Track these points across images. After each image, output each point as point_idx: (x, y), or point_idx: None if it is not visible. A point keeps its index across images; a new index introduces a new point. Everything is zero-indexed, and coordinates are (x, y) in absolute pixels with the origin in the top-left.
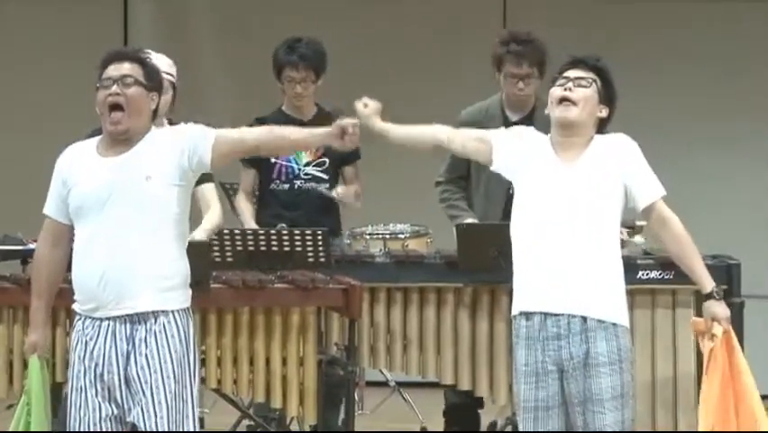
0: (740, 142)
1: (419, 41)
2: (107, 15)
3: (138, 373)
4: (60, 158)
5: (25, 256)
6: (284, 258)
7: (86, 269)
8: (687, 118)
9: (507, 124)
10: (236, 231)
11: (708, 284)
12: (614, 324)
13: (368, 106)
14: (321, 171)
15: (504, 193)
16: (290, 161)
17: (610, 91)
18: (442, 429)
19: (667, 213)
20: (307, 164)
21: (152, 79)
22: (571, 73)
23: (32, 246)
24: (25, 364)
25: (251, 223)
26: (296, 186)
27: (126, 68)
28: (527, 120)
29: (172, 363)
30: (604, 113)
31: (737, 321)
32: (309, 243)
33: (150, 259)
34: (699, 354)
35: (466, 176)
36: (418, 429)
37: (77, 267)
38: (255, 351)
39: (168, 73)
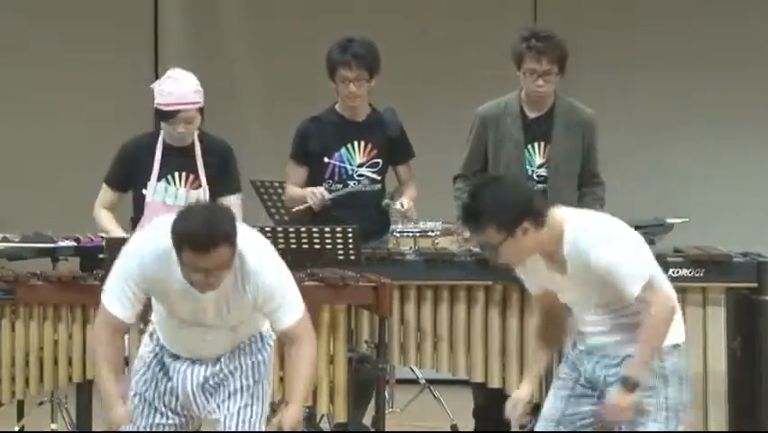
0: None
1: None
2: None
3: (214, 385)
4: (136, 267)
5: (55, 254)
6: (314, 255)
7: (170, 344)
8: (718, 116)
9: (525, 121)
10: (266, 228)
11: (631, 369)
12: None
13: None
14: (374, 172)
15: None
16: (344, 162)
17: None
18: (472, 428)
19: (649, 299)
20: (361, 165)
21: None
22: (482, 239)
23: (62, 244)
24: (56, 361)
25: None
26: (349, 186)
27: (217, 258)
28: (546, 118)
29: (252, 368)
30: (529, 227)
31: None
32: (340, 240)
33: (233, 341)
34: (730, 352)
35: (483, 170)
36: (448, 427)
37: (162, 334)
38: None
39: (194, 102)
